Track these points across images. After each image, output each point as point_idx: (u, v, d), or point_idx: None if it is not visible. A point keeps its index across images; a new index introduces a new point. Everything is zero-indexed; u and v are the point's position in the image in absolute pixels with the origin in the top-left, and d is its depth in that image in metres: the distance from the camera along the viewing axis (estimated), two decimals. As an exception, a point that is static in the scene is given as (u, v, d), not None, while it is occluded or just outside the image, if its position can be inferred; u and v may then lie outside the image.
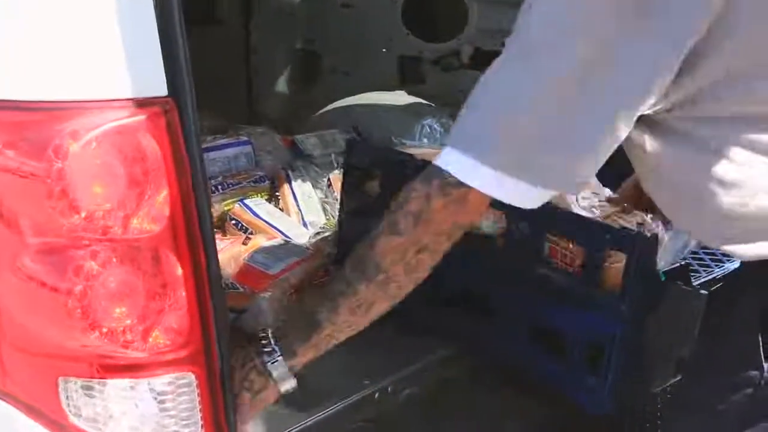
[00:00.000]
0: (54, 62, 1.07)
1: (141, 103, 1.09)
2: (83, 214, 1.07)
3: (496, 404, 1.80)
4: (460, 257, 1.81)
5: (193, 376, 1.13)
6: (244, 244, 2.11)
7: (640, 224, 1.60)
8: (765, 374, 1.41)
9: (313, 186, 2.55)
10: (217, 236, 2.29)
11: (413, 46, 3.21)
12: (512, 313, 1.72)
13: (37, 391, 1.13)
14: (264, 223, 2.31)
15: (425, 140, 2.11)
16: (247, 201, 2.37)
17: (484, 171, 1.25)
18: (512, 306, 1.72)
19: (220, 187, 2.40)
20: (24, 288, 1.09)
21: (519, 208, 1.67)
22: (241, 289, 1.93)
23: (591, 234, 1.61)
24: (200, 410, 1.15)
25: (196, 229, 1.12)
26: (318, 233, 2.24)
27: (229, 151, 2.54)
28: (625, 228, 1.60)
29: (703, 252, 1.92)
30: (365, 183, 1.95)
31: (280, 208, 2.44)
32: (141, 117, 1.09)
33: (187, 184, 1.12)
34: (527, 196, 1.30)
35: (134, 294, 1.10)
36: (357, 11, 3.30)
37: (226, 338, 1.19)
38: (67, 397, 1.12)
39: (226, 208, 2.35)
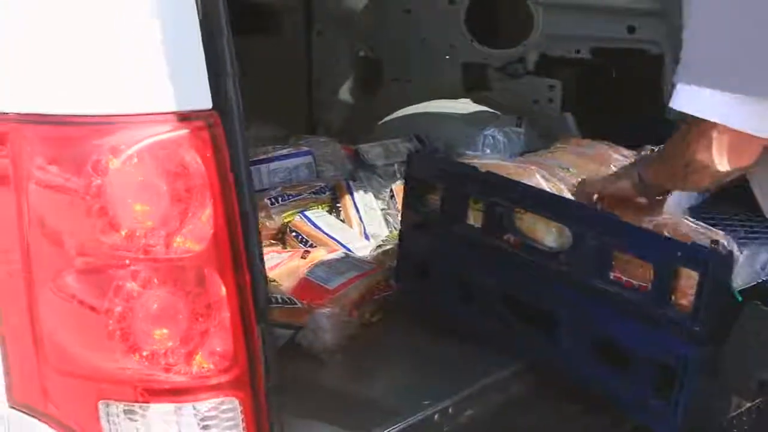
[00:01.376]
0: (95, 76, 1.04)
1: (184, 117, 1.05)
2: (124, 233, 1.03)
3: (561, 425, 1.72)
4: (527, 272, 1.76)
5: (237, 401, 1.09)
6: (303, 257, 2.07)
7: (714, 242, 1.51)
8: None
9: (375, 197, 2.50)
10: (277, 249, 2.28)
11: (477, 52, 3.14)
12: (582, 331, 1.64)
13: (77, 415, 1.09)
14: (324, 235, 2.27)
15: (487, 150, 2.05)
16: (307, 213, 2.33)
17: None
18: (579, 322, 1.65)
19: (280, 198, 2.35)
20: (65, 307, 1.06)
21: (584, 220, 1.60)
22: (299, 305, 1.88)
23: (661, 251, 1.52)
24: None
25: (241, 248, 1.08)
26: (380, 246, 2.19)
27: (290, 162, 2.51)
28: (697, 245, 1.51)
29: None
30: (426, 195, 1.90)
31: (341, 220, 2.39)
32: (184, 131, 1.05)
33: (232, 200, 1.07)
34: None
35: (176, 315, 1.06)
36: (418, 18, 3.24)
37: (273, 361, 1.14)
38: (108, 421, 1.08)
39: (286, 220, 2.31)
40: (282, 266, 2.03)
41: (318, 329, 1.82)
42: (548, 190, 1.79)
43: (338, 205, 2.42)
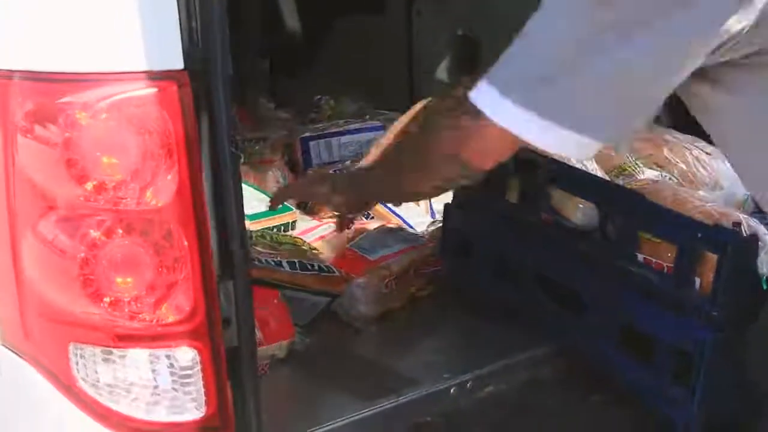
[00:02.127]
0: (68, 32, 1.09)
1: (154, 76, 1.09)
2: (92, 184, 1.08)
3: (582, 414, 1.68)
4: (558, 251, 1.73)
5: (196, 352, 1.13)
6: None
7: (736, 223, 1.44)
8: None
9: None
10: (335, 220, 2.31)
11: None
12: (604, 312, 1.60)
13: (51, 355, 1.15)
14: (385, 208, 2.28)
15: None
16: (371, 187, 2.35)
17: (515, 109, 1.15)
18: (604, 305, 1.61)
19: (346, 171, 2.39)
20: (42, 252, 1.12)
21: (613, 202, 1.56)
22: (337, 273, 1.91)
23: (682, 232, 1.47)
24: (204, 387, 1.14)
25: (203, 204, 1.11)
26: (434, 222, 2.19)
27: (361, 136, 2.54)
28: (719, 226, 1.44)
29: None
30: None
31: (408, 195, 2.40)
32: (153, 90, 1.08)
33: (196, 159, 1.11)
34: (564, 143, 1.16)
35: (142, 266, 1.11)
36: (518, -2, 3.19)
37: (245, 315, 1.18)
38: (77, 363, 1.14)
39: (349, 193, 2.34)
40: (328, 236, 2.06)
41: (353, 299, 1.85)
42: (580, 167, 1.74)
43: (406, 180, 2.43)
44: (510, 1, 3.25)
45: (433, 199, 2.42)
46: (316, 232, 2.12)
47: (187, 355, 1.13)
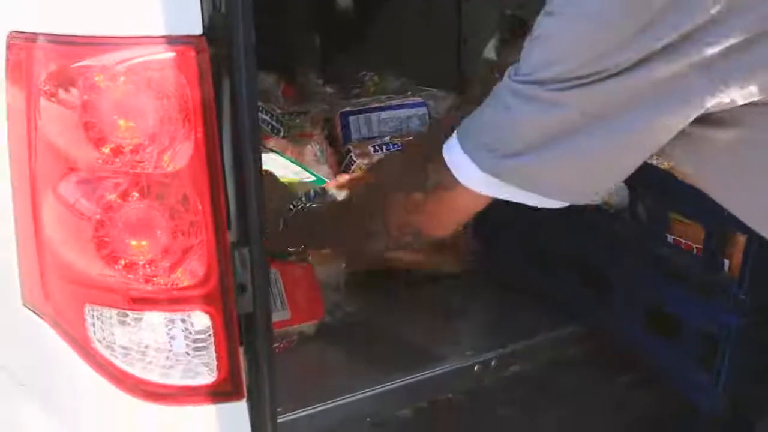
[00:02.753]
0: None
1: (172, 41, 1.09)
2: (110, 147, 1.09)
3: (607, 394, 1.66)
4: (585, 231, 1.71)
5: (209, 317, 1.14)
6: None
7: (767, 204, 1.40)
8: None
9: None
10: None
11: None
12: (632, 294, 1.58)
13: (68, 315, 1.17)
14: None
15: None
16: (406, 162, 2.34)
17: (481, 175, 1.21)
18: (633, 286, 1.59)
19: (384, 147, 2.37)
20: (60, 213, 1.14)
21: (644, 182, 1.53)
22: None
23: (711, 212, 1.43)
24: (216, 352, 1.15)
25: (218, 171, 1.12)
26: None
27: (402, 112, 2.53)
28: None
29: None
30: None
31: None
32: (170, 54, 1.09)
33: (213, 126, 1.11)
34: (536, 201, 1.25)
35: (157, 229, 1.12)
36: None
37: (262, 280, 1.18)
38: (93, 325, 1.16)
39: (387, 168, 2.34)
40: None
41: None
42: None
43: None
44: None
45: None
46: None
47: (201, 319, 1.14)
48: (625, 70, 1.08)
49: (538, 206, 1.26)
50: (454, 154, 1.24)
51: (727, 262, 1.44)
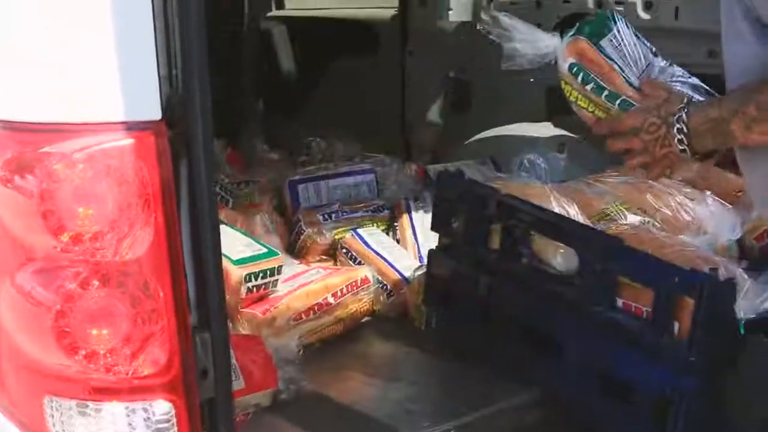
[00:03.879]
0: (46, 83, 1.10)
1: (131, 126, 1.10)
2: (69, 235, 1.10)
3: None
4: (537, 297, 1.74)
5: (171, 405, 1.13)
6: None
7: (713, 268, 1.45)
8: None
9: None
10: (324, 265, 2.32)
11: (563, 76, 3.11)
12: (583, 359, 1.61)
13: (25, 407, 1.16)
14: (374, 253, 2.29)
15: (523, 174, 2.02)
16: (359, 230, 2.35)
17: None
18: (584, 351, 1.61)
19: (334, 215, 2.40)
20: (19, 303, 1.13)
21: (592, 247, 1.57)
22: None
23: (659, 276, 1.48)
24: (179, 438, 1.14)
25: (179, 255, 1.12)
26: (421, 266, 2.19)
27: (351, 179, 2.55)
28: (695, 271, 1.45)
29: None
30: (452, 217, 1.90)
31: (397, 239, 2.41)
32: (130, 140, 1.10)
33: (173, 210, 1.12)
34: None
35: (118, 318, 1.11)
36: (508, 40, 3.24)
37: (222, 368, 1.18)
38: (52, 416, 1.14)
39: (337, 237, 2.35)
40: (317, 283, 2.07)
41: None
42: (561, 212, 1.75)
43: (396, 224, 2.44)
44: (498, 44, 3.32)
45: (421, 243, 2.44)
46: (297, 279, 2.12)
47: (162, 407, 1.13)
48: None
49: None
50: None
51: (676, 324, 1.48)
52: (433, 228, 1.98)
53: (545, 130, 3.07)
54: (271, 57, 4.02)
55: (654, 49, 1.82)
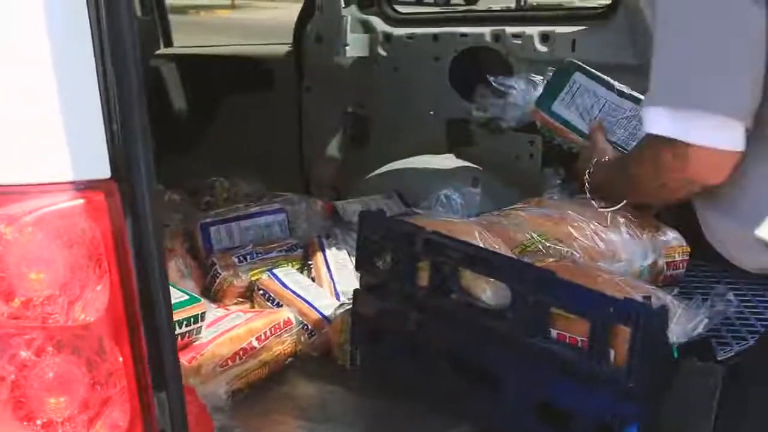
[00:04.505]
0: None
1: (80, 187, 1.07)
2: (19, 301, 1.06)
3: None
4: (471, 332, 1.76)
5: (135, 471, 1.10)
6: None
7: (646, 296, 1.50)
8: None
9: (349, 254, 2.51)
10: (244, 309, 2.30)
11: (461, 108, 3.18)
12: (521, 391, 1.64)
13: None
14: (292, 294, 2.27)
15: (440, 209, 2.06)
16: (275, 271, 2.34)
17: (658, 113, 1.55)
18: (520, 384, 1.64)
19: (248, 256, 2.37)
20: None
21: (521, 277, 1.60)
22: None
23: (593, 307, 1.52)
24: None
25: (137, 316, 1.09)
26: (343, 304, 2.20)
27: (262, 220, 2.54)
28: (629, 300, 1.50)
29: (740, 321, 1.80)
30: (377, 256, 1.91)
31: (312, 278, 2.41)
32: (80, 201, 1.07)
33: (128, 270, 1.09)
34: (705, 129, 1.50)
35: (74, 384, 1.08)
36: (405, 74, 3.29)
37: (180, 428, 1.15)
38: (6, 490, 1.10)
39: (253, 278, 2.33)
40: (240, 327, 2.04)
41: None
42: (486, 246, 1.78)
43: (309, 262, 2.44)
44: (397, 78, 3.37)
45: (336, 281, 2.44)
46: (220, 324, 2.08)
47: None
48: None
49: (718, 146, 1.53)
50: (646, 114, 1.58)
51: (612, 352, 1.52)
52: (358, 267, 1.98)
53: (448, 162, 3.13)
54: (161, 95, 3.96)
55: (612, 82, 2.16)
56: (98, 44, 1.09)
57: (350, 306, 2.12)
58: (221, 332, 2.03)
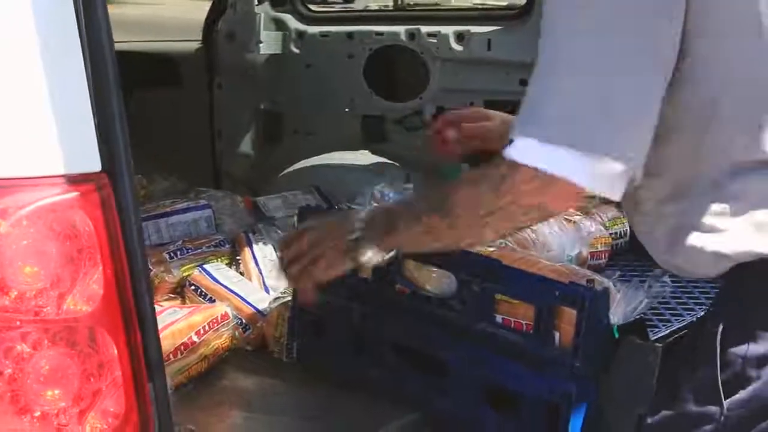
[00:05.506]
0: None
1: (73, 180, 1.08)
2: (13, 295, 1.06)
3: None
4: (416, 320, 1.82)
5: (129, 457, 1.12)
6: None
7: (590, 280, 1.60)
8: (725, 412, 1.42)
9: (275, 249, 2.53)
10: (177, 304, 2.30)
11: (376, 105, 3.23)
12: (468, 377, 1.71)
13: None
14: (224, 288, 2.29)
15: (375, 204, 2.11)
16: (206, 266, 2.35)
17: (534, 146, 1.37)
18: (468, 369, 1.71)
19: (179, 252, 2.37)
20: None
21: (466, 266, 1.66)
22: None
23: (539, 291, 1.60)
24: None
25: (131, 307, 1.11)
26: (277, 298, 2.22)
27: (189, 216, 2.54)
28: (574, 284, 1.59)
29: (663, 306, 1.92)
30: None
31: (241, 273, 2.42)
32: (73, 194, 1.08)
33: (121, 261, 1.11)
34: (585, 170, 1.37)
35: (68, 375, 1.09)
36: (319, 71, 3.33)
37: (166, 417, 1.17)
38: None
39: (185, 274, 2.33)
40: (180, 323, 2.04)
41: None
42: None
43: (238, 257, 2.45)
44: (311, 75, 3.40)
45: (265, 276, 2.46)
46: (160, 319, 2.08)
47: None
48: None
49: (592, 189, 1.40)
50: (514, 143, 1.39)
51: (557, 334, 1.61)
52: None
53: (363, 158, 3.18)
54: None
55: None
56: (85, 38, 1.10)
57: (285, 300, 2.16)
58: (162, 327, 2.03)
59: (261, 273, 2.42)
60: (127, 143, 1.16)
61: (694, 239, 1.47)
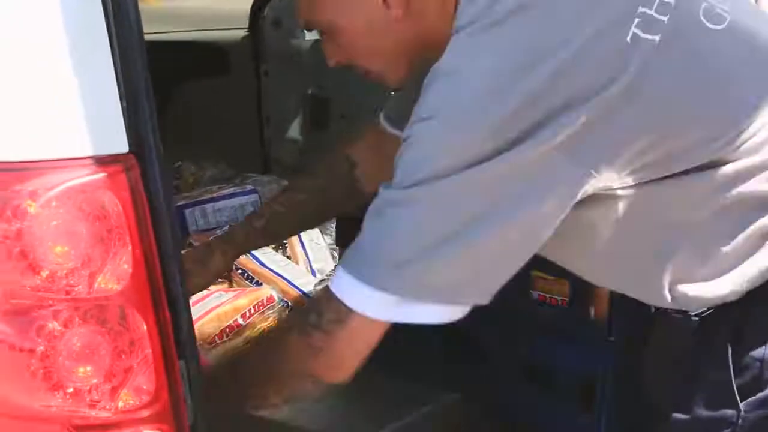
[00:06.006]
0: (12, 121, 1.09)
1: (101, 161, 1.11)
2: (45, 274, 1.09)
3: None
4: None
5: (159, 434, 1.14)
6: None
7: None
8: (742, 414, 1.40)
9: (321, 232, 2.56)
10: (224, 288, 2.33)
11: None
12: (504, 353, 1.71)
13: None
14: (270, 272, 2.33)
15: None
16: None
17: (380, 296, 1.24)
18: (504, 346, 1.72)
19: (226, 237, 2.41)
20: (-2, 348, 1.11)
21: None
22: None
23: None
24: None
25: (160, 286, 1.13)
26: (323, 280, 2.25)
27: (236, 201, 2.58)
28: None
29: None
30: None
31: (287, 256, 2.45)
32: (101, 175, 1.10)
33: (150, 241, 1.13)
34: (436, 315, 1.28)
35: (100, 353, 1.11)
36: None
37: (198, 394, 1.20)
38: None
39: (231, 258, 2.37)
40: (226, 305, 2.08)
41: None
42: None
43: (284, 242, 2.49)
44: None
45: (312, 260, 2.49)
46: (206, 303, 2.12)
47: (152, 438, 1.14)
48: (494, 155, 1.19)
49: (434, 322, 1.29)
50: (343, 283, 1.27)
51: (592, 309, 1.61)
52: (338, 243, 2.03)
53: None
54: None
55: None
56: (112, 20, 1.13)
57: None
58: (208, 310, 2.07)
59: (308, 256, 2.46)
60: (156, 126, 1.19)
61: None
